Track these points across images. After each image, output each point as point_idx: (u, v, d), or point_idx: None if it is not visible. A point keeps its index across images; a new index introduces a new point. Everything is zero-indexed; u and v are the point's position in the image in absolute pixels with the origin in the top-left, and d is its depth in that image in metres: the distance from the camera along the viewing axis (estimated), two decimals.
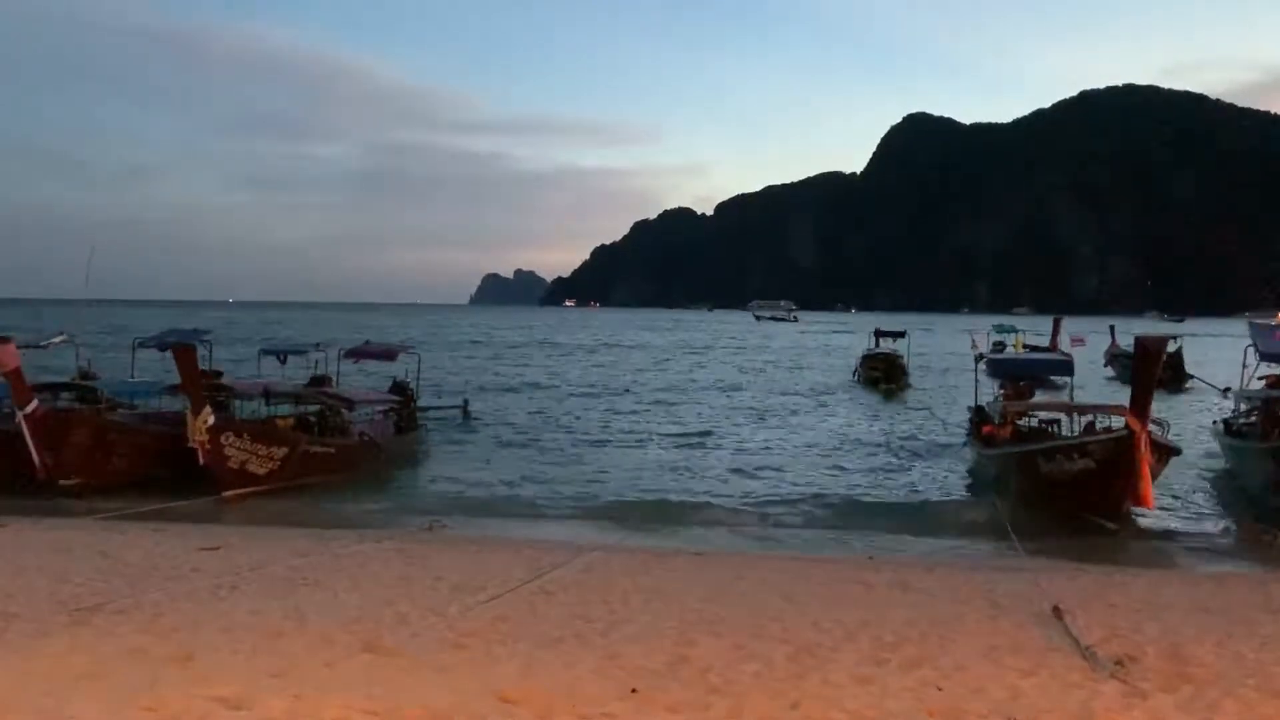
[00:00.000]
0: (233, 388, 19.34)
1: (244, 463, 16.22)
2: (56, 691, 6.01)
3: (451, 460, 22.07)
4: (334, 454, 18.43)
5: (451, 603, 8.71)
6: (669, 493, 18.37)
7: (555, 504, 17.27)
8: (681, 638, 7.68)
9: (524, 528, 15.17)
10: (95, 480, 16.06)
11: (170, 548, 11.39)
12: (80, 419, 17.18)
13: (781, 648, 7.47)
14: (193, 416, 15.89)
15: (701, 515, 16.32)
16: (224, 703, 5.83)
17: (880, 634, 7.95)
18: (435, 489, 18.68)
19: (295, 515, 15.16)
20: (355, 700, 5.93)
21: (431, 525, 14.66)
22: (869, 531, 15.17)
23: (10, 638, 7.25)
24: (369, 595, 8.98)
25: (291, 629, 7.68)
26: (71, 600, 8.46)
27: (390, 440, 21.26)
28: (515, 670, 6.72)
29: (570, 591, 9.45)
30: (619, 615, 8.46)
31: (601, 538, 14.00)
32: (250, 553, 11.08)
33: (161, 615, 8.03)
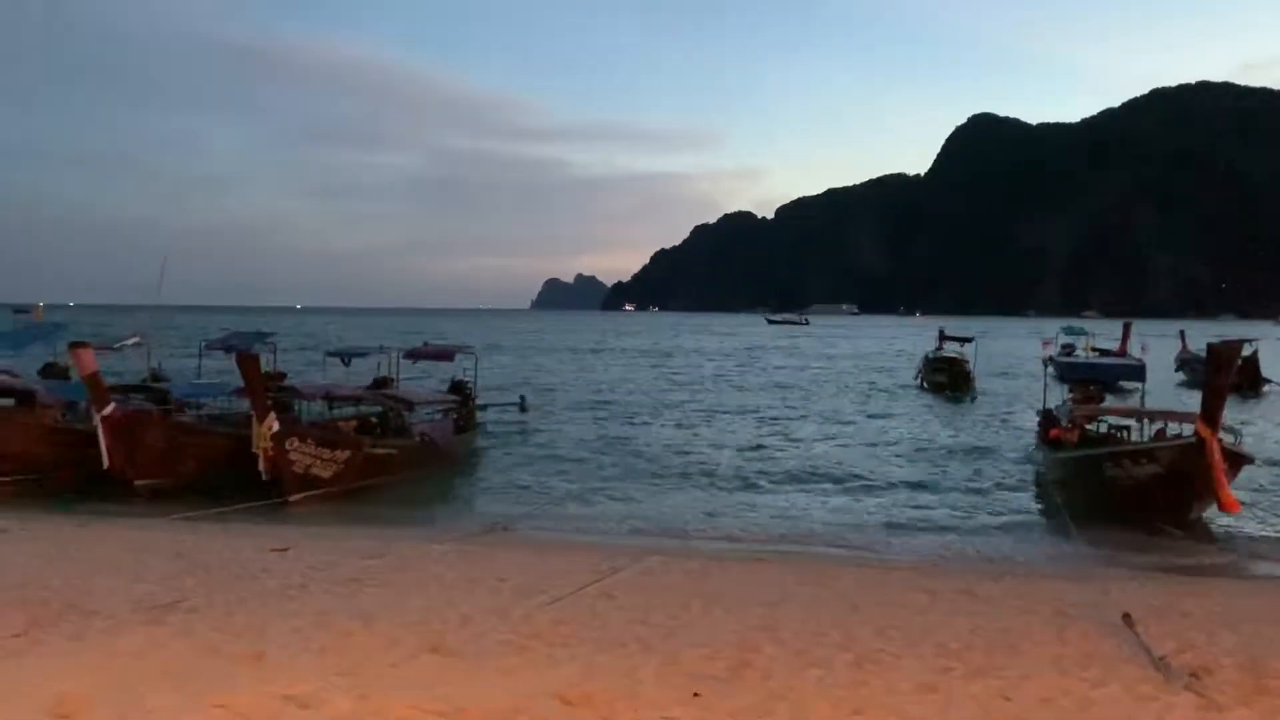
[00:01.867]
0: (296, 390, 19.70)
1: (309, 467, 16.52)
2: (134, 687, 6.18)
3: (511, 461, 22.26)
4: (395, 455, 18.69)
5: (514, 605, 8.79)
6: (728, 497, 18.33)
7: (615, 507, 17.31)
8: (743, 643, 7.66)
9: (584, 530, 15.24)
10: (168, 481, 16.49)
11: (241, 548, 11.64)
12: (154, 422, 17.65)
13: (843, 654, 7.41)
14: (257, 423, 16.19)
15: (762, 521, 16.24)
16: (293, 701, 5.95)
17: (945, 642, 7.84)
18: (495, 490, 18.85)
19: (360, 517, 15.41)
20: (420, 700, 6.01)
21: (493, 527, 14.80)
22: (932, 538, 14.98)
23: (90, 634, 7.47)
24: (433, 597, 9.09)
25: (358, 629, 7.81)
26: (147, 599, 8.69)
27: (450, 440, 21.48)
28: (577, 673, 6.76)
29: (631, 595, 9.47)
30: (680, 620, 8.46)
31: (662, 542, 14.00)
32: (318, 554, 11.28)
33: (233, 614, 8.21)
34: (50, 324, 28.40)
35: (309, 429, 17.71)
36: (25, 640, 7.26)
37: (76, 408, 19.24)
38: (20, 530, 12.56)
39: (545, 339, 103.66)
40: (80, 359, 16.16)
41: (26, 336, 25.44)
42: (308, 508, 16.07)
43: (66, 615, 8.00)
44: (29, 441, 17.08)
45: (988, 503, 17.95)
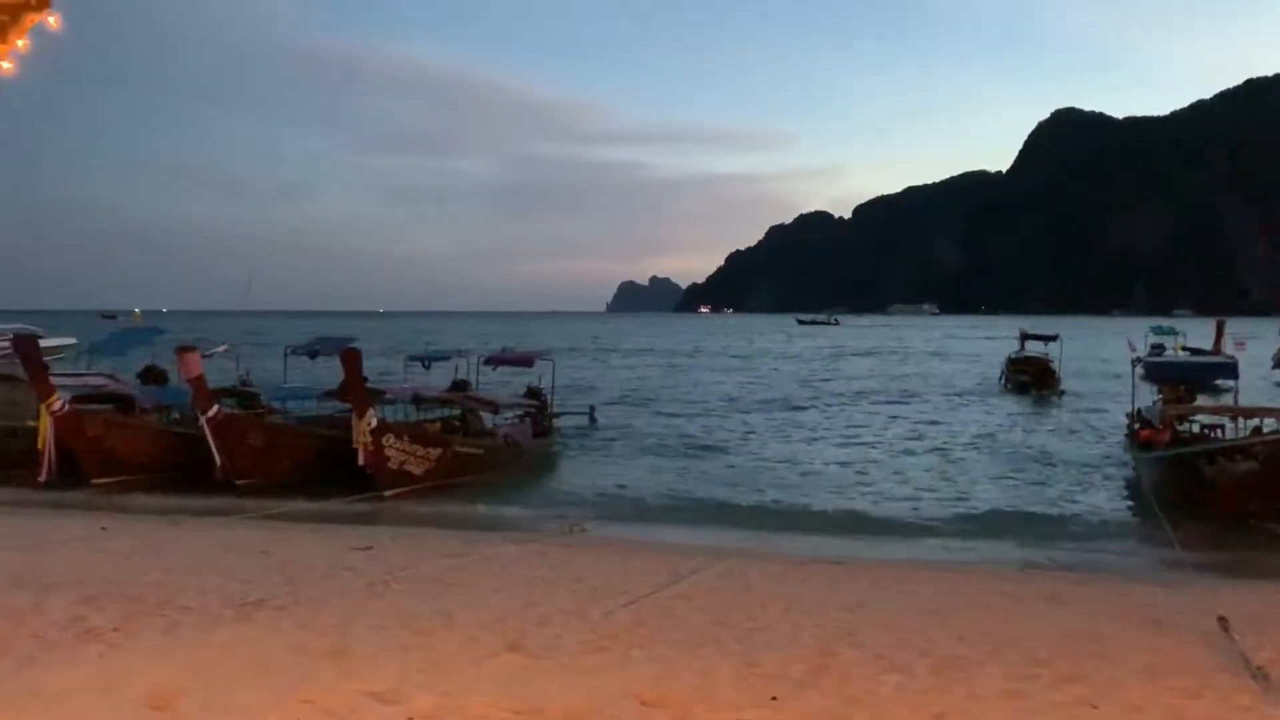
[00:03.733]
0: (384, 392, 20.13)
1: (402, 463, 16.97)
2: (223, 681, 6.35)
3: (587, 464, 22.39)
4: (482, 455, 19.16)
5: (592, 605, 8.83)
6: (808, 500, 18.19)
7: (692, 509, 17.30)
8: (821, 647, 7.58)
9: (661, 532, 15.25)
10: (266, 480, 17.01)
11: (326, 547, 11.91)
12: (254, 424, 18.29)
13: (924, 660, 7.29)
14: (357, 419, 16.68)
15: (842, 523, 16.08)
16: (376, 698, 6.06)
17: (1030, 648, 7.66)
18: (573, 492, 18.98)
19: (442, 517, 15.64)
20: (499, 699, 6.08)
21: (572, 528, 14.90)
22: (1017, 542, 14.66)
23: (182, 629, 7.71)
24: (512, 596, 9.18)
25: (439, 628, 7.92)
26: (236, 596, 8.93)
27: (530, 442, 21.81)
28: (654, 674, 6.76)
29: (708, 597, 9.45)
30: (758, 622, 8.41)
31: (740, 544, 13.94)
32: (400, 553, 11.48)
33: (318, 612, 8.39)
34: (149, 329, 29.41)
35: (404, 427, 18.18)
36: (122, 634, 7.52)
37: (170, 411, 19.96)
38: (119, 529, 13.02)
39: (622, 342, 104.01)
40: (186, 362, 16.87)
41: (126, 341, 26.43)
42: (392, 506, 16.38)
43: (160, 610, 8.27)
44: (130, 443, 17.74)
45: (1074, 505, 17.51)
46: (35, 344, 18.36)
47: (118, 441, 17.56)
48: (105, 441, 17.36)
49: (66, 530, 12.86)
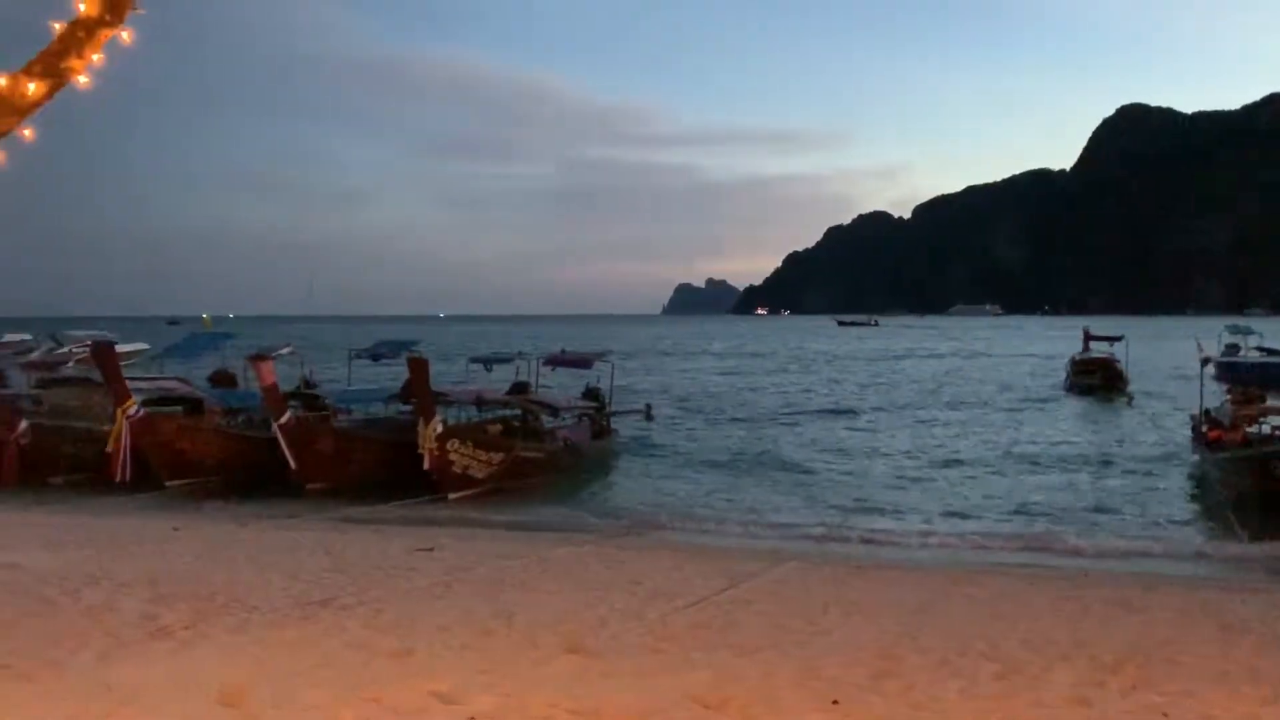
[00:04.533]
0: (447, 394, 20.39)
1: (466, 467, 17.27)
2: (291, 679, 6.48)
3: (644, 466, 22.44)
4: (542, 458, 19.39)
5: (650, 608, 8.84)
6: (866, 502, 18.03)
7: (750, 511, 17.23)
8: (883, 652, 7.51)
9: (718, 536, 15.22)
10: (335, 484, 17.36)
11: (389, 548, 12.09)
12: (324, 429, 18.72)
13: (988, 665, 7.19)
14: (423, 424, 17.04)
15: (902, 528, 15.90)
16: (439, 697, 6.14)
17: (1097, 655, 7.51)
18: (631, 494, 19.05)
19: (502, 519, 15.78)
20: (559, 699, 6.11)
21: (629, 530, 14.95)
22: (1081, 545, 14.37)
23: (251, 628, 7.88)
24: (571, 598, 9.24)
25: (500, 628, 7.99)
26: (303, 596, 9.10)
27: (589, 444, 21.95)
28: (713, 677, 6.75)
29: (768, 601, 9.41)
30: (818, 627, 8.36)
31: (798, 548, 13.87)
32: (461, 554, 11.61)
33: (382, 612, 8.52)
34: (218, 334, 30.13)
35: (468, 431, 18.45)
36: (193, 632, 7.71)
37: (238, 414, 20.44)
38: (189, 530, 13.34)
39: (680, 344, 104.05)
40: (260, 370, 17.40)
41: (197, 346, 27.12)
42: (452, 508, 16.58)
43: (230, 609, 8.46)
44: (201, 446, 18.22)
45: (1142, 508, 17.14)
46: (112, 350, 18.94)
47: (189, 444, 18.04)
48: (177, 444, 17.83)
49: (140, 531, 13.21)
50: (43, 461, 18.28)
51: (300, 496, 16.91)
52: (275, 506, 16.22)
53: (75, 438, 18.63)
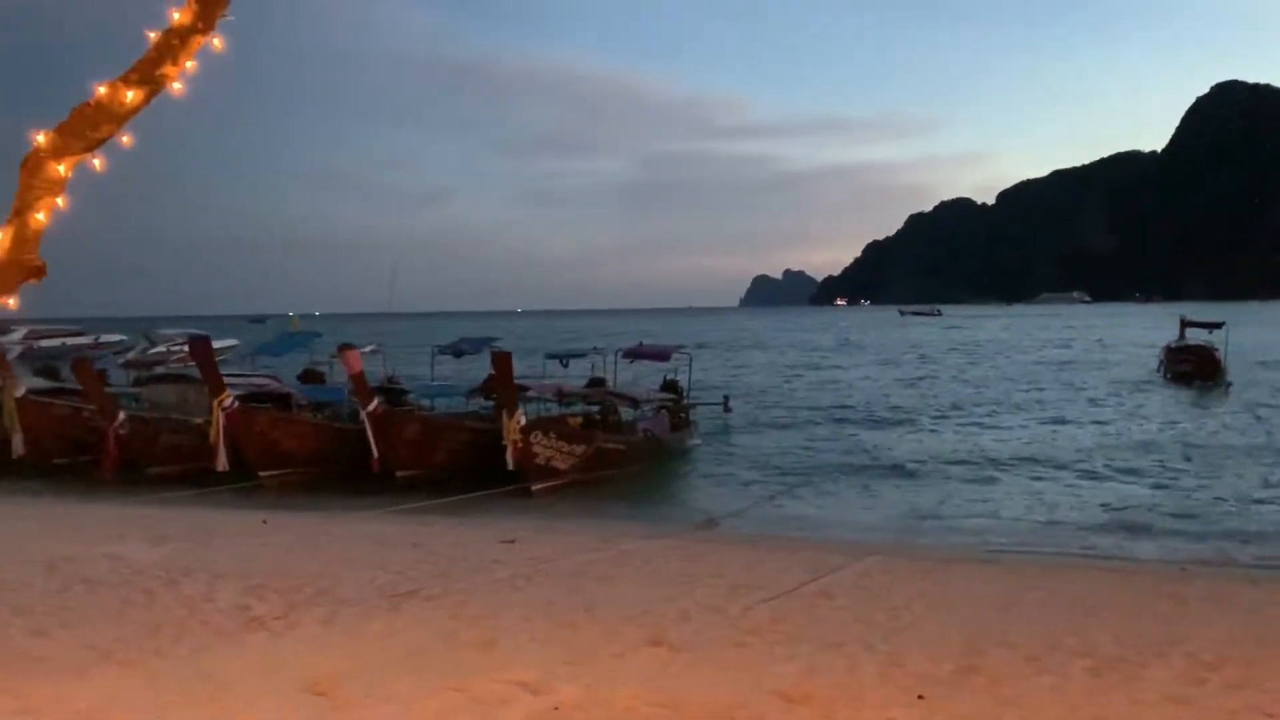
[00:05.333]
0: (529, 388, 20.62)
1: (550, 459, 17.46)
2: (379, 669, 6.62)
3: (723, 459, 22.37)
4: (624, 450, 19.48)
5: (731, 601, 8.81)
6: (951, 495, 17.71)
7: (832, 504, 17.07)
8: (969, 647, 7.37)
9: (800, 528, 15.10)
10: (422, 472, 17.69)
11: (473, 540, 12.26)
12: (411, 417, 19.05)
13: (1080, 661, 7.00)
14: (507, 417, 17.26)
15: (990, 521, 15.60)
16: (524, 687, 6.20)
17: (1196, 651, 7.26)
18: (709, 487, 19.01)
19: (583, 511, 15.88)
20: (642, 692, 6.13)
21: (708, 523, 14.92)
22: (1178, 540, 13.93)
23: (339, 619, 8.06)
24: (652, 591, 9.25)
25: (582, 620, 8.05)
26: (389, 587, 9.28)
27: (668, 437, 22.00)
28: (797, 670, 6.70)
29: (851, 595, 9.31)
30: (902, 621, 8.24)
31: (881, 541, 13.69)
32: (543, 546, 11.71)
33: (467, 603, 8.64)
34: (307, 333, 30.91)
35: (551, 423, 18.65)
36: (284, 622, 7.92)
37: (325, 409, 20.96)
38: (279, 521, 13.70)
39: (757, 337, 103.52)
40: (348, 360, 17.85)
41: (287, 344, 27.89)
42: (533, 500, 16.75)
43: (318, 600, 8.66)
44: (293, 438, 18.74)
45: (1241, 501, 16.51)
46: (209, 346, 19.60)
47: (282, 436, 18.56)
48: (270, 436, 18.36)
49: (232, 522, 13.61)
50: (141, 452, 18.96)
51: (387, 488, 17.24)
52: (363, 498, 16.56)
53: (171, 429, 19.31)
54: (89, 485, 18.10)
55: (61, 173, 4.00)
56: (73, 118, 3.98)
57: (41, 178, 3.97)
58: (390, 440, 17.68)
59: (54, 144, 3.98)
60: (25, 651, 7.02)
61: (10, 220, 3.98)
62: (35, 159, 3.97)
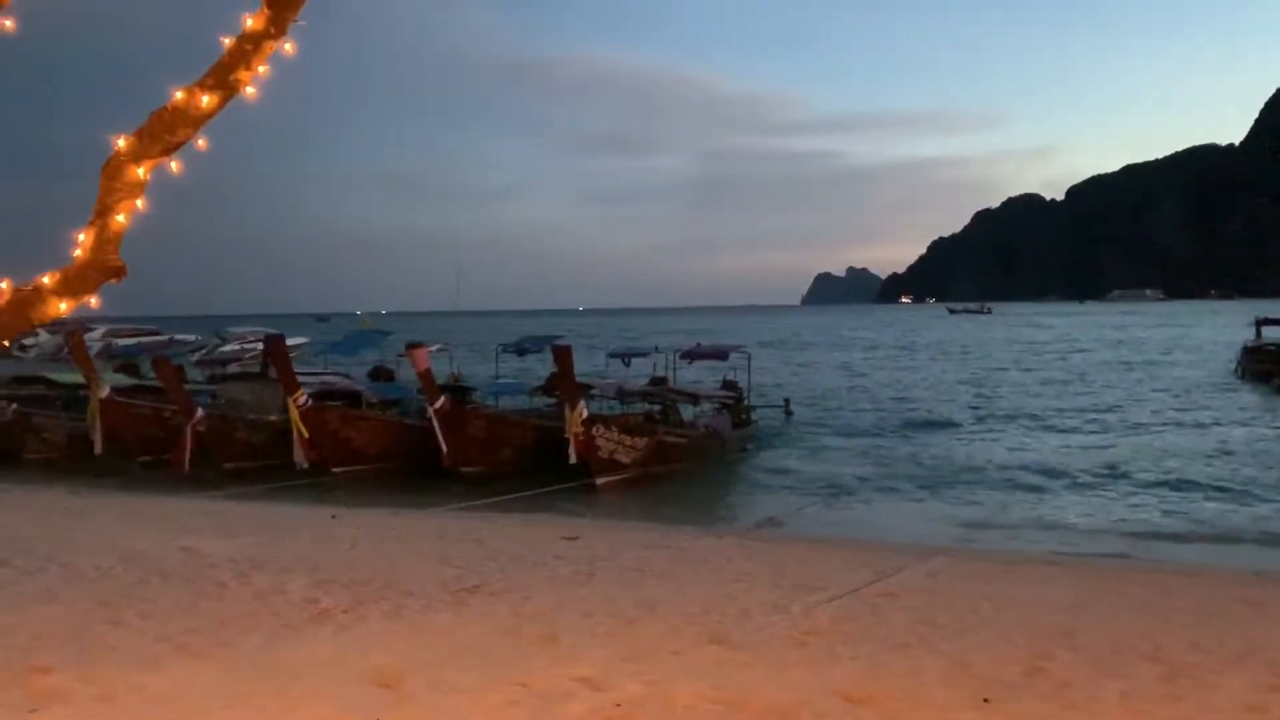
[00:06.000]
0: (590, 386, 20.75)
1: (612, 452, 17.57)
2: (443, 663, 6.71)
3: (784, 458, 22.26)
4: (686, 445, 19.52)
5: (793, 600, 8.77)
6: (1016, 497, 17.42)
7: (894, 504, 16.90)
8: (1036, 650, 7.25)
9: (861, 529, 14.98)
10: (488, 467, 17.92)
11: (535, 536, 12.36)
12: (476, 413, 19.34)
13: (1151, 667, 6.85)
14: (570, 410, 17.40)
15: (1056, 522, 15.32)
16: (585, 683, 6.25)
17: (1274, 659, 7.06)
18: (770, 486, 18.93)
19: (644, 509, 15.93)
20: (703, 689, 6.14)
21: (768, 522, 14.87)
22: (1254, 545, 13.55)
23: (405, 613, 8.18)
24: (712, 589, 9.25)
25: (643, 617, 8.07)
26: (453, 581, 9.39)
27: (729, 434, 22.01)
28: (859, 671, 6.66)
29: (914, 596, 9.21)
30: (967, 623, 8.13)
31: (946, 542, 13.53)
32: (604, 543, 11.77)
33: (529, 598, 8.72)
34: (377, 331, 31.48)
35: (613, 417, 18.78)
36: (351, 616, 8.06)
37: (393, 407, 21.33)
38: (347, 516, 13.95)
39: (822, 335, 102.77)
40: (415, 358, 18.20)
41: (357, 343, 28.46)
42: (593, 496, 16.84)
43: (385, 594, 8.80)
44: (364, 435, 19.12)
45: None
46: (284, 344, 20.08)
47: (354, 433, 18.96)
48: (342, 433, 18.74)
49: (301, 517, 13.90)
50: (217, 448, 19.45)
51: (452, 484, 17.46)
52: (429, 494, 16.79)
53: (246, 426, 19.78)
54: (167, 481, 18.60)
55: (141, 175, 4.13)
56: (151, 122, 4.11)
57: (122, 181, 4.10)
58: (456, 437, 17.95)
59: (133, 148, 4.11)
60: (104, 640, 7.25)
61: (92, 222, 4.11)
62: (115, 163, 4.11)
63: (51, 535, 11.58)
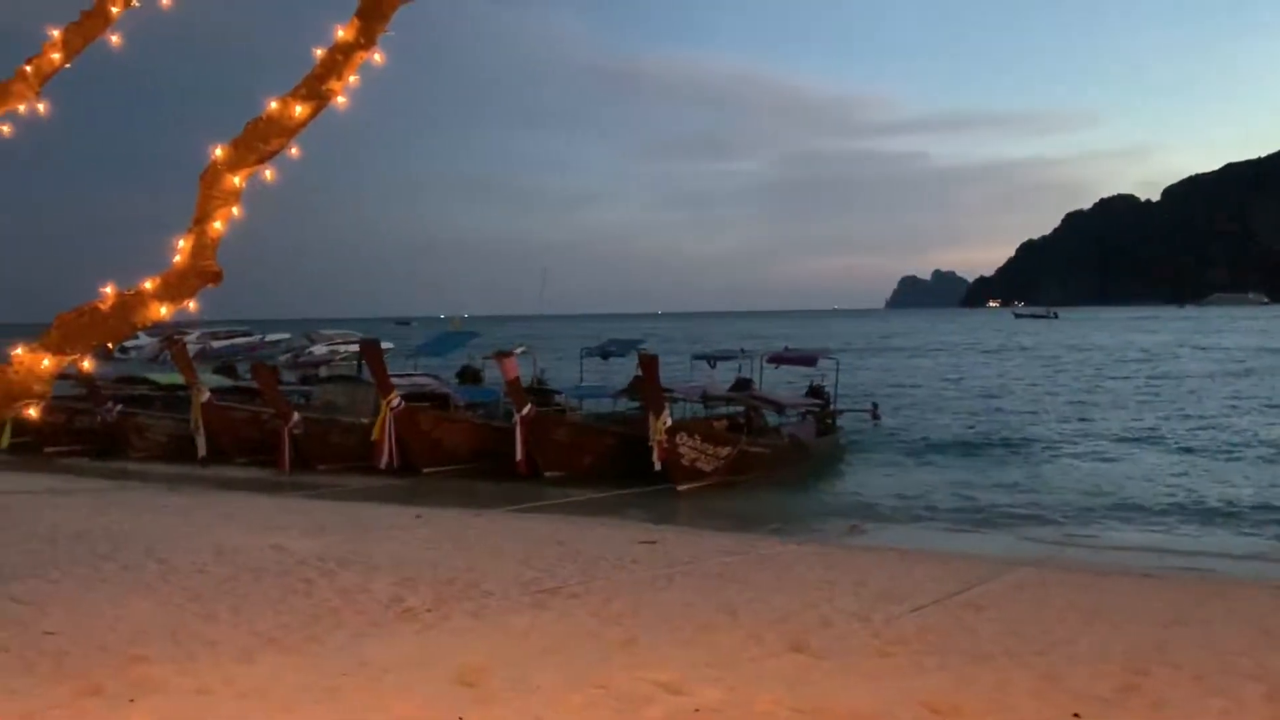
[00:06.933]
0: (673, 390, 20.79)
1: (694, 460, 17.68)
2: (524, 663, 6.77)
3: (870, 465, 21.96)
4: (768, 454, 19.45)
5: (875, 610, 8.65)
6: (1112, 508, 16.91)
7: (980, 516, 16.53)
8: (1130, 665, 7.02)
9: (947, 538, 14.70)
10: (570, 473, 18.24)
11: (614, 539, 12.40)
12: (560, 421, 19.66)
13: (1256, 685, 6.57)
14: (653, 418, 17.56)
15: (1153, 534, 14.83)
16: (664, 687, 6.24)
17: None
18: (854, 493, 18.67)
19: (723, 513, 15.86)
20: (784, 697, 6.08)
21: (851, 530, 14.68)
22: None
23: (487, 613, 8.29)
24: (793, 597, 9.16)
25: (722, 623, 8.04)
26: (533, 583, 9.48)
27: (814, 442, 21.79)
28: (944, 682, 6.53)
29: (1001, 607, 9.00)
30: (1057, 635, 7.91)
31: (1036, 552, 13.19)
32: (683, 548, 11.75)
33: (609, 601, 8.75)
34: (466, 333, 32.04)
35: (696, 426, 18.83)
36: (435, 614, 8.19)
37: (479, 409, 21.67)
38: (430, 517, 14.18)
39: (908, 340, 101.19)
40: (504, 366, 18.55)
41: (447, 343, 29.03)
42: (670, 502, 16.84)
43: (467, 593, 8.93)
44: (455, 437, 19.51)
45: None
46: (379, 348, 20.60)
47: (444, 435, 19.37)
48: (433, 434, 19.15)
49: (387, 517, 14.16)
50: (312, 450, 19.96)
51: (535, 486, 17.65)
52: (511, 495, 16.97)
53: (341, 429, 20.28)
54: (263, 481, 19.13)
55: (237, 184, 4.26)
56: (246, 132, 4.24)
57: (219, 189, 4.24)
58: (540, 442, 18.31)
59: (230, 157, 4.24)
60: (199, 635, 7.48)
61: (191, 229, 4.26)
62: (213, 171, 4.25)
63: (150, 532, 12.01)
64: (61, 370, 4.44)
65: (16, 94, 5.17)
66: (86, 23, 5.14)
